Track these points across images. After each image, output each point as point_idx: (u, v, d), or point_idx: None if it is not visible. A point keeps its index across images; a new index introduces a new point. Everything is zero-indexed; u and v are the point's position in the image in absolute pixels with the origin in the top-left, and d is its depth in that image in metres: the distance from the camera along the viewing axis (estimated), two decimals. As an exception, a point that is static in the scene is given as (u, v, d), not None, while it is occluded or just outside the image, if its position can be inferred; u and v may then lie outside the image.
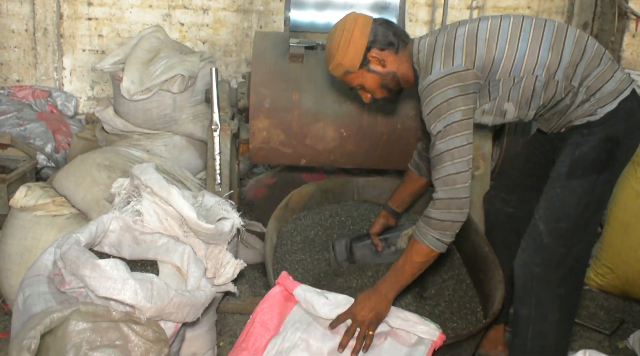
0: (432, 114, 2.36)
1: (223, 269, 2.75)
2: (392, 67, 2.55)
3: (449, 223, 2.34)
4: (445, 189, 2.33)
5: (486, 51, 2.40)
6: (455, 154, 2.32)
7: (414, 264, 2.44)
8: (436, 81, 2.37)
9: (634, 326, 3.41)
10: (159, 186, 2.61)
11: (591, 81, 2.42)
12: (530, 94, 2.45)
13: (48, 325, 2.04)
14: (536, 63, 2.41)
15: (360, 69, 2.53)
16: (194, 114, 4.18)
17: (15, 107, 4.82)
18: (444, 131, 2.33)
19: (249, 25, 5.41)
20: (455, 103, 2.33)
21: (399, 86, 2.61)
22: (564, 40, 2.43)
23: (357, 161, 3.61)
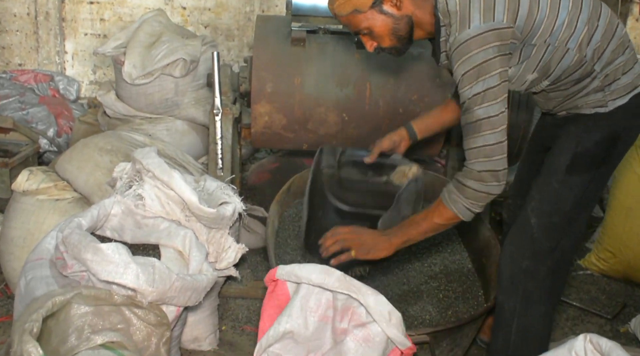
0: (469, 75, 2.14)
1: (225, 254, 2.75)
2: (408, 10, 2.26)
3: (483, 194, 2.22)
4: (483, 160, 2.18)
5: (529, 10, 2.19)
6: (495, 122, 2.15)
7: (432, 224, 2.35)
8: (476, 37, 2.12)
9: (636, 310, 3.41)
10: (160, 171, 2.61)
11: (612, 69, 2.31)
12: (556, 64, 2.29)
13: (50, 309, 2.05)
14: (572, 34, 2.24)
15: (372, 8, 2.23)
16: (195, 99, 4.18)
17: (18, 91, 4.82)
18: (482, 95, 2.14)
19: (251, 9, 5.38)
20: (494, 65, 2.13)
21: (410, 35, 2.32)
22: (599, 17, 2.28)
23: (359, 145, 3.60)
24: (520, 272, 2.47)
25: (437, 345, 2.49)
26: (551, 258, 2.47)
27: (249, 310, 3.22)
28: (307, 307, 2.28)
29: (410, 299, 2.79)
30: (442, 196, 2.32)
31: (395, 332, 2.20)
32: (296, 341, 2.27)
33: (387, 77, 3.50)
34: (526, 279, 2.47)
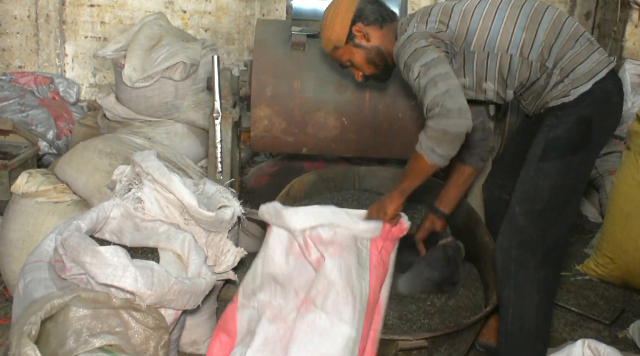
0: (407, 63, 2.40)
1: (224, 257, 2.76)
2: (376, 41, 2.63)
3: (441, 132, 2.23)
4: (437, 107, 2.23)
5: (460, 21, 2.48)
6: (439, 79, 2.28)
7: (412, 168, 2.38)
8: (409, 37, 2.44)
9: (634, 316, 3.41)
10: (160, 174, 2.62)
11: (565, 62, 2.44)
12: (506, 72, 2.49)
13: (49, 311, 2.05)
14: (510, 42, 2.45)
15: (347, 43, 2.62)
16: (195, 102, 4.18)
17: (17, 93, 4.82)
18: (421, 70, 2.33)
19: (251, 13, 5.39)
20: (425, 51, 2.37)
21: (385, 62, 2.66)
22: (540, 21, 2.46)
23: (358, 149, 3.61)
24: (511, 262, 2.55)
25: (435, 349, 2.49)
26: (541, 248, 2.53)
27: (247, 313, 3.21)
28: (281, 246, 2.32)
29: (409, 303, 2.79)
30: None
31: (362, 227, 2.31)
32: (280, 283, 2.28)
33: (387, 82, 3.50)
34: (516, 269, 2.55)
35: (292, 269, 2.29)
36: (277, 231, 2.35)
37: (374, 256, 2.32)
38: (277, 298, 2.28)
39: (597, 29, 5.46)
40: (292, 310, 2.24)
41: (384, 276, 2.38)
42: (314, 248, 2.26)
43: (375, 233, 2.34)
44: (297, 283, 2.27)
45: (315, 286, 2.21)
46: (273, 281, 2.30)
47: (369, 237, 2.33)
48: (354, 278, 2.22)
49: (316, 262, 2.25)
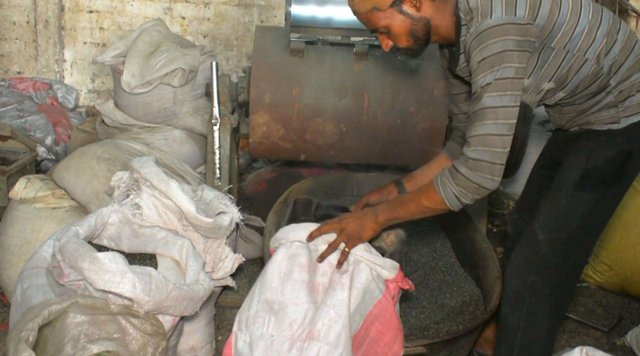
0: (485, 62, 2.12)
1: (222, 264, 2.75)
2: (427, 12, 2.27)
3: (475, 185, 2.15)
4: (482, 149, 2.11)
5: (549, 11, 2.19)
6: (500, 113, 2.10)
7: (420, 206, 2.27)
8: (496, 27, 2.12)
9: (632, 323, 3.42)
10: (158, 180, 2.62)
11: (626, 85, 2.31)
12: (573, 75, 2.28)
13: (46, 317, 2.05)
14: (591, 44, 2.24)
15: (391, 7, 2.23)
16: (194, 108, 4.18)
17: (16, 99, 4.82)
18: (493, 84, 2.10)
19: (250, 19, 5.40)
20: (511, 57, 2.10)
21: (427, 37, 2.32)
22: (618, 31, 2.28)
23: (356, 156, 3.61)
24: (526, 287, 2.46)
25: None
26: (557, 274, 2.45)
27: (245, 320, 3.21)
28: (279, 272, 2.31)
29: (407, 310, 2.79)
30: (435, 179, 2.26)
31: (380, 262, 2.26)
32: (274, 311, 2.26)
33: (385, 89, 3.51)
34: (531, 295, 2.46)
35: (287, 298, 2.26)
36: (276, 257, 2.35)
37: (385, 300, 2.29)
38: (270, 329, 2.24)
39: None
40: (285, 341, 2.21)
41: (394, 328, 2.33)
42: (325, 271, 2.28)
43: (391, 274, 2.30)
44: (292, 313, 2.24)
45: (321, 318, 2.19)
46: (268, 309, 2.27)
47: (383, 277, 2.30)
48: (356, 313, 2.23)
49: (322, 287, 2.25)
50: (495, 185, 2.16)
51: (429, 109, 3.51)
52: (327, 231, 2.36)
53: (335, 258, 2.30)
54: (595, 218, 2.44)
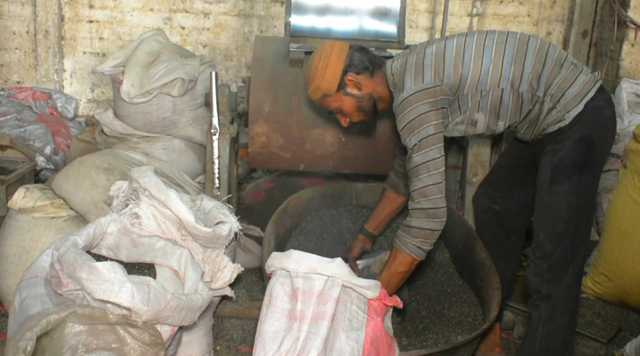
0: (406, 129, 2.49)
1: (220, 273, 2.75)
2: (368, 89, 2.66)
3: (428, 231, 2.47)
4: (423, 199, 2.45)
5: (453, 69, 2.53)
6: (431, 166, 2.45)
7: (398, 275, 2.54)
8: (408, 98, 2.49)
9: (631, 334, 3.41)
10: (157, 189, 2.62)
11: (554, 88, 2.53)
12: (498, 104, 2.57)
13: (44, 327, 2.04)
14: (500, 76, 2.53)
15: (338, 92, 2.64)
16: (193, 118, 4.19)
17: (15, 108, 4.83)
18: (419, 145, 2.45)
19: (249, 29, 5.42)
20: (428, 118, 2.46)
21: (375, 108, 2.71)
22: (525, 52, 2.54)
23: (355, 166, 3.62)
24: (543, 283, 2.66)
25: (432, 367, 2.48)
26: (572, 268, 2.63)
27: (244, 330, 3.21)
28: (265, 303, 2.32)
29: (406, 321, 2.78)
30: (395, 244, 2.54)
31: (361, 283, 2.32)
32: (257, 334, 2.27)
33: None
34: (549, 289, 2.65)
35: (266, 325, 2.27)
36: (268, 284, 2.36)
37: (373, 319, 2.32)
38: None
39: (594, 47, 5.50)
40: None
41: (387, 344, 2.36)
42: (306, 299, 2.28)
43: (374, 293, 2.36)
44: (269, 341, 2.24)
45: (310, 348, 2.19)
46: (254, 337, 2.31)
47: (367, 297, 2.35)
48: (342, 341, 2.24)
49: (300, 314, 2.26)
50: (443, 225, 2.49)
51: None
52: None
53: (316, 286, 2.31)
54: (581, 205, 2.60)
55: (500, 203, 2.97)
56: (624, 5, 5.03)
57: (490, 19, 5.54)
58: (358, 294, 2.34)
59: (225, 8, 5.38)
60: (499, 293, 2.70)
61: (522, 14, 5.57)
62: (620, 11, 5.02)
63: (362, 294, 2.35)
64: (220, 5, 5.37)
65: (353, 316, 2.29)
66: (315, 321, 2.23)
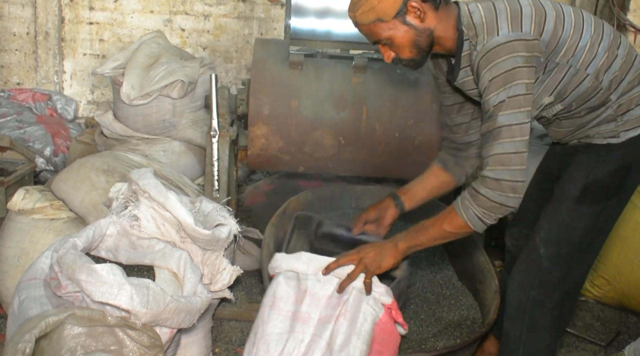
0: (497, 80, 2.11)
1: (219, 276, 2.75)
2: (431, 23, 2.24)
3: (497, 205, 2.15)
4: (500, 168, 2.12)
5: (554, 26, 2.21)
6: (516, 131, 2.10)
7: (441, 230, 2.27)
8: (505, 44, 2.12)
9: (630, 337, 3.41)
10: (156, 192, 2.62)
11: (626, 99, 2.32)
12: (573, 89, 2.30)
13: (43, 329, 2.04)
14: (593, 59, 2.26)
15: (395, 18, 2.20)
16: (193, 120, 4.19)
17: (15, 110, 4.83)
18: (507, 103, 2.10)
19: (249, 32, 5.42)
20: (521, 74, 2.10)
21: (430, 48, 2.30)
22: (619, 47, 2.31)
23: (355, 169, 3.62)
24: (528, 301, 2.46)
25: (430, 370, 2.48)
26: (559, 289, 2.46)
27: (242, 332, 3.21)
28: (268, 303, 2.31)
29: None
30: (455, 202, 2.25)
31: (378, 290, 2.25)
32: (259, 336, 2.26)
33: (383, 102, 3.52)
34: (533, 309, 2.46)
35: (269, 327, 2.27)
36: (270, 286, 2.34)
37: (386, 325, 2.28)
38: None
39: None
40: None
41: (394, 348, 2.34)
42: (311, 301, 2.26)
43: (387, 300, 2.28)
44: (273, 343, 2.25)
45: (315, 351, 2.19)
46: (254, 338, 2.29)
47: (383, 303, 2.28)
48: (353, 343, 2.20)
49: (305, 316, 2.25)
50: (518, 202, 2.16)
51: (427, 123, 3.52)
52: (345, 263, 2.31)
53: (326, 289, 2.28)
54: (596, 232, 2.45)
55: None
56: (624, 9, 5.03)
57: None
58: (375, 299, 2.28)
59: (225, 10, 5.38)
60: (498, 296, 2.70)
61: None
62: (620, 14, 5.02)
63: (377, 298, 2.30)
64: (221, 7, 5.38)
65: (365, 319, 2.24)
66: (321, 324, 2.21)
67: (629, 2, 4.99)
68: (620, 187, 2.39)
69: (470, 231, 2.25)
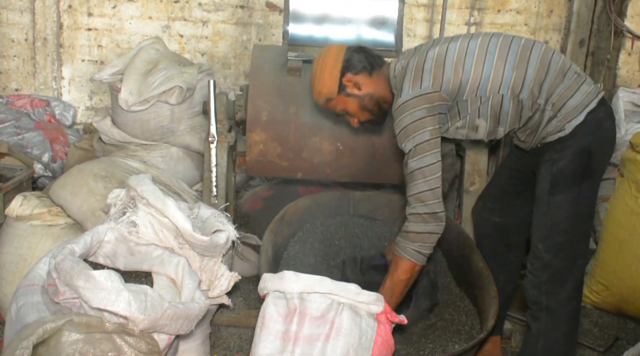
0: (402, 134, 2.51)
1: (217, 282, 2.75)
2: (369, 89, 2.71)
3: (426, 234, 2.49)
4: (419, 205, 2.48)
5: (453, 75, 2.53)
6: (427, 172, 2.47)
7: (401, 282, 2.55)
8: (405, 103, 2.51)
9: (628, 343, 3.41)
10: (154, 197, 2.62)
11: (555, 97, 2.51)
12: (498, 111, 2.56)
13: (41, 335, 2.04)
14: (501, 83, 2.52)
15: (339, 94, 2.71)
16: (191, 126, 4.19)
17: (14, 116, 4.83)
18: (414, 150, 2.48)
19: (248, 38, 5.42)
20: (424, 124, 2.47)
21: (379, 107, 2.74)
22: (528, 59, 2.53)
23: (353, 175, 3.62)
24: (542, 295, 2.63)
25: (429, 376, 2.48)
26: (571, 279, 2.61)
27: (240, 338, 3.20)
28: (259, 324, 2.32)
29: (404, 330, 2.78)
30: (395, 251, 2.56)
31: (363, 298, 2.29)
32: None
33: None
34: (548, 301, 2.62)
35: (259, 347, 2.28)
36: (262, 307, 2.34)
37: (380, 337, 2.30)
38: None
39: (591, 57, 5.51)
40: None
41: None
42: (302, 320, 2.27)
43: (379, 307, 2.33)
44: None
45: None
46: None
47: (375, 312, 2.32)
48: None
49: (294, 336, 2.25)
50: (442, 228, 2.51)
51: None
52: None
53: (313, 307, 2.29)
54: (580, 215, 2.61)
55: (500, 215, 2.95)
56: (621, 15, 5.04)
57: (488, 28, 5.55)
58: (368, 311, 2.31)
59: (223, 16, 5.39)
60: (497, 302, 2.70)
61: (520, 23, 5.58)
62: (617, 21, 5.03)
63: (367, 310, 2.31)
64: (219, 13, 5.38)
65: (363, 334, 2.26)
66: (308, 343, 2.22)
67: (626, 9, 5.01)
68: (587, 170, 2.56)
69: (419, 267, 2.55)
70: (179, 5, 5.34)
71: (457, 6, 5.51)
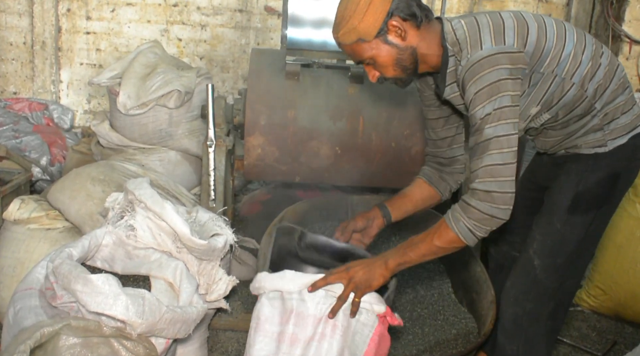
0: (482, 93, 2.11)
1: (215, 286, 2.75)
2: (413, 41, 2.24)
3: (487, 217, 2.12)
4: (489, 180, 2.10)
5: (537, 38, 2.21)
6: (504, 142, 2.10)
7: (431, 246, 2.22)
8: (489, 57, 2.12)
9: (626, 347, 3.41)
10: (152, 201, 2.62)
11: (611, 108, 2.33)
12: (559, 98, 2.30)
13: (38, 339, 2.03)
14: (577, 68, 2.26)
15: (376, 38, 2.20)
16: (189, 130, 4.19)
17: (12, 119, 4.83)
18: (493, 115, 2.09)
19: (246, 41, 5.43)
20: (506, 85, 2.10)
21: (415, 66, 2.29)
22: (601, 55, 2.31)
23: (351, 179, 3.62)
24: (524, 315, 2.48)
25: (427, 380, 2.48)
26: (554, 300, 2.48)
27: (238, 342, 3.20)
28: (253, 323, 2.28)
29: (400, 334, 2.78)
30: (446, 215, 2.22)
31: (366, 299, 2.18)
32: None
33: (380, 112, 3.53)
34: (529, 322, 2.48)
35: (255, 349, 2.24)
36: (255, 307, 2.32)
37: (377, 337, 2.22)
38: None
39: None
40: None
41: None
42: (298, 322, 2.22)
43: (380, 308, 2.22)
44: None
45: None
46: None
47: (377, 312, 2.22)
48: None
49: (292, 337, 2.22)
50: (508, 214, 2.14)
51: (423, 133, 3.52)
52: (333, 281, 2.23)
53: (312, 307, 2.22)
54: (589, 240, 2.47)
55: (519, 249, 2.69)
56: (619, 20, 5.06)
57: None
58: (367, 309, 2.23)
59: (222, 20, 5.39)
60: (494, 307, 2.69)
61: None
62: (615, 25, 5.04)
63: (370, 309, 2.25)
64: (217, 17, 5.39)
65: (357, 331, 2.21)
66: (308, 344, 2.19)
67: (624, 13, 5.02)
68: (610, 195, 2.41)
69: (461, 246, 2.21)
70: (178, 9, 5.35)
71: (455, 10, 5.52)
